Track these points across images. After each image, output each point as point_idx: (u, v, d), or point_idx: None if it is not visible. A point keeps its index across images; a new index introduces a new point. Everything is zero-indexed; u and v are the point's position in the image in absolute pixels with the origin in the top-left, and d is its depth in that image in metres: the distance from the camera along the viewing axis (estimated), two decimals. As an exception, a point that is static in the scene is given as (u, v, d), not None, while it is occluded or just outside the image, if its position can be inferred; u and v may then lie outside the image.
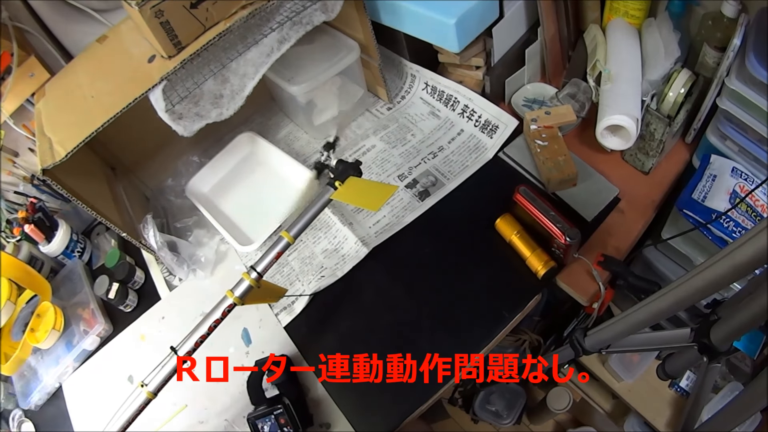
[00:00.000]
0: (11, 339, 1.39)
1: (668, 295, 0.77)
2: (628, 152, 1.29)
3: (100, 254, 1.55)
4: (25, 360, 1.38)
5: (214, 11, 1.08)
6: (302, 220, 1.06)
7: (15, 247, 1.49)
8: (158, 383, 0.96)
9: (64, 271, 1.52)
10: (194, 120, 1.09)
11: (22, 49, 1.37)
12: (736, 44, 1.08)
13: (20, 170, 1.51)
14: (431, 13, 1.24)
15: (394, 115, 1.56)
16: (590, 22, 1.44)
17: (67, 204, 1.60)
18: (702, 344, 0.86)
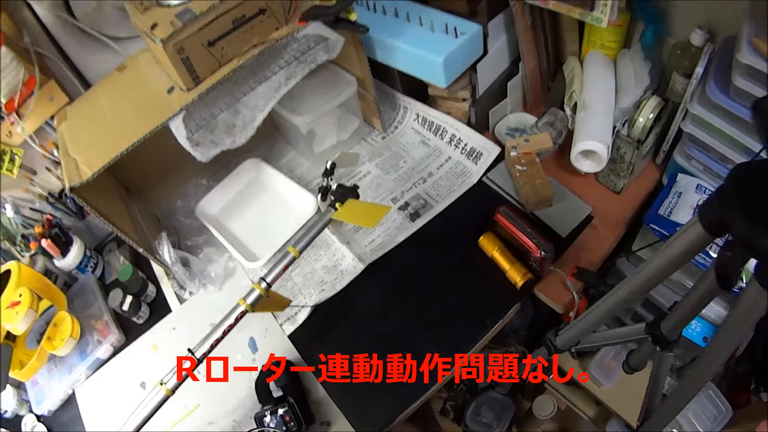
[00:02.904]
0: (26, 347, 1.49)
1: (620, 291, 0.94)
2: (601, 174, 1.46)
3: (112, 270, 1.68)
4: (41, 367, 1.49)
5: (229, 49, 1.26)
6: (307, 237, 1.23)
7: (31, 261, 1.60)
8: (176, 382, 1.09)
9: (77, 285, 1.64)
10: (210, 147, 1.26)
11: (43, 74, 1.48)
12: (698, 72, 1.23)
13: (36, 188, 1.65)
14: (421, 51, 1.41)
15: (388, 144, 1.73)
16: (569, 54, 1.61)
17: (81, 221, 1.74)
18: (654, 335, 1.02)
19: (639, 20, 1.45)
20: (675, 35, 1.40)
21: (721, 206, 0.66)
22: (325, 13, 1.30)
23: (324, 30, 1.32)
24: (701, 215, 0.70)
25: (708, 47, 1.25)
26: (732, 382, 1.60)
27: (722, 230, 0.68)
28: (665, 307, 1.34)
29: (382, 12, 1.53)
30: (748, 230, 0.62)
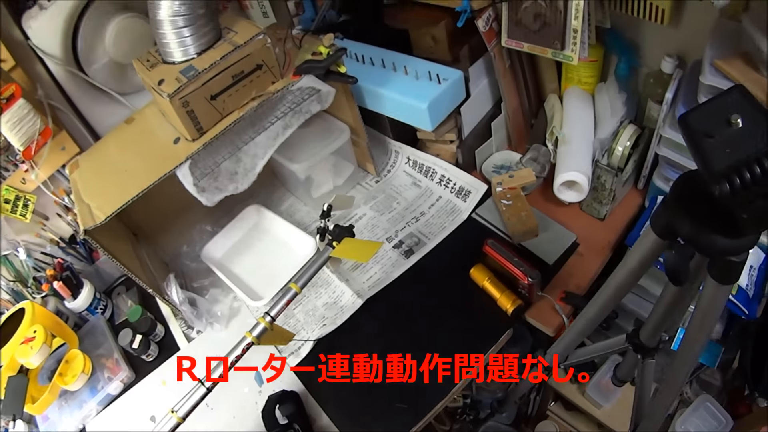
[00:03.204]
0: (38, 383, 1.54)
1: (596, 302, 1.04)
2: (584, 203, 1.55)
3: (120, 312, 1.76)
4: (52, 402, 1.53)
5: (229, 102, 1.37)
6: (307, 274, 1.32)
7: (42, 302, 1.65)
8: (187, 410, 1.16)
9: (87, 326, 1.71)
10: (215, 192, 1.35)
11: (55, 125, 1.57)
12: (668, 97, 1.32)
13: (48, 233, 1.74)
14: (407, 99, 1.53)
15: (382, 187, 1.83)
16: (549, 92, 1.72)
17: (90, 266, 1.83)
18: (634, 344, 1.11)
19: (612, 54, 1.55)
20: (647, 65, 1.50)
21: (667, 213, 0.75)
22: (316, 67, 1.41)
23: (316, 82, 1.43)
24: (653, 224, 0.80)
25: (677, 73, 1.34)
26: (731, 395, 1.66)
27: (671, 234, 0.77)
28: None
29: (370, 63, 1.65)
30: (691, 231, 0.72)
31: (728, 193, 0.60)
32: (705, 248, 0.72)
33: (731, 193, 0.60)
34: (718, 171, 0.61)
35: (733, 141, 0.62)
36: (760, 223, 0.65)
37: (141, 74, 1.39)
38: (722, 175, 0.61)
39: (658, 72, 1.41)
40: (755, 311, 1.26)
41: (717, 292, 0.78)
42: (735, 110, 0.63)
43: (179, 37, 1.30)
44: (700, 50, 1.26)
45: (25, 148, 1.50)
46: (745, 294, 1.22)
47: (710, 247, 0.71)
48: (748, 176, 0.59)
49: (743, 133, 0.62)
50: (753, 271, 1.27)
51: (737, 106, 0.64)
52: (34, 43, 1.48)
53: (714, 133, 0.63)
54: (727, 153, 0.61)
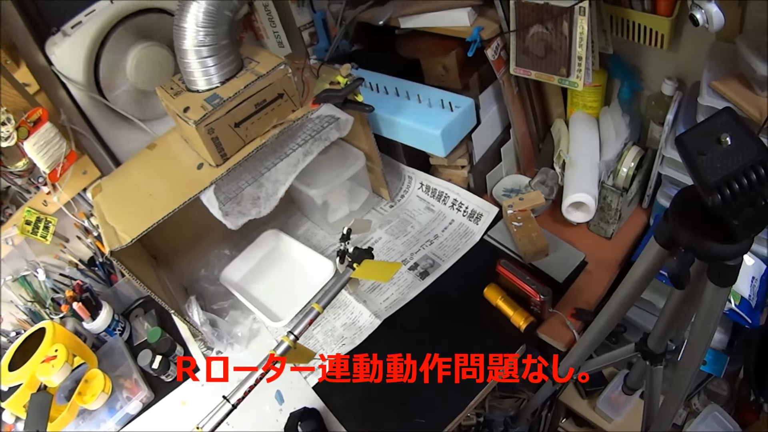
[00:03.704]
0: (56, 402, 1.54)
1: (605, 313, 1.12)
2: (591, 223, 1.63)
3: (137, 334, 1.81)
4: (71, 421, 1.56)
5: (252, 129, 1.45)
6: (329, 294, 1.40)
7: (61, 323, 1.69)
8: (212, 426, 1.21)
9: (105, 347, 1.75)
10: (238, 216, 1.44)
11: (77, 149, 1.64)
12: (669, 119, 1.40)
13: (67, 255, 1.81)
14: (421, 126, 1.62)
15: (396, 212, 1.92)
16: (556, 116, 1.82)
17: (108, 288, 1.88)
18: (643, 351, 1.19)
19: (615, 78, 1.64)
20: (648, 88, 1.60)
21: (668, 225, 0.84)
22: (335, 96, 1.50)
23: (335, 111, 1.51)
24: (656, 235, 0.88)
25: (677, 95, 1.43)
26: (738, 404, 1.72)
27: (673, 243, 0.86)
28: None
29: (384, 91, 1.75)
30: (690, 239, 0.80)
31: (720, 203, 0.69)
32: (703, 254, 0.80)
33: (723, 202, 0.69)
34: (710, 184, 0.70)
35: (724, 157, 0.71)
36: (750, 229, 0.74)
37: (165, 101, 1.47)
38: (714, 187, 0.70)
39: (659, 94, 1.50)
40: (758, 320, 1.33)
41: (716, 294, 0.86)
42: (724, 130, 0.72)
43: (203, 66, 1.38)
44: (698, 72, 1.34)
45: (51, 171, 1.57)
46: (748, 304, 1.30)
47: (708, 253, 0.79)
48: (737, 187, 0.68)
49: (732, 149, 0.71)
50: (755, 282, 1.34)
51: (726, 126, 0.73)
52: (57, 68, 1.55)
53: (706, 151, 0.73)
54: (718, 168, 0.70)
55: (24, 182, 1.62)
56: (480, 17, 1.59)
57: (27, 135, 1.49)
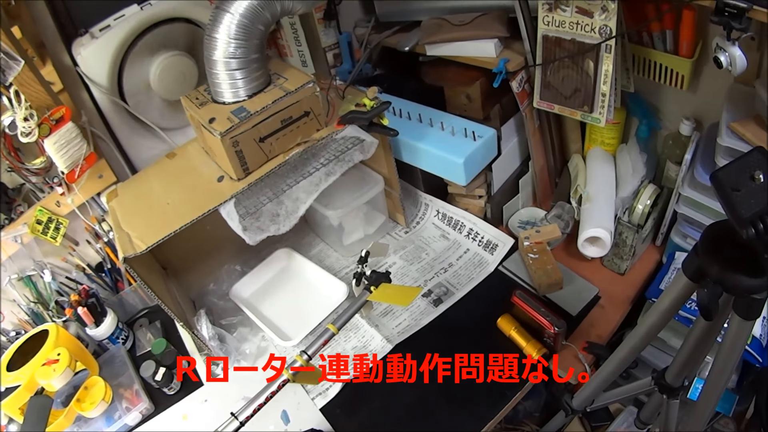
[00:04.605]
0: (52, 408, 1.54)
1: (626, 344, 1.15)
2: (606, 258, 1.66)
3: (140, 344, 1.80)
4: (67, 427, 1.53)
5: (276, 146, 1.47)
6: (345, 316, 1.43)
7: (63, 326, 1.66)
8: None
9: (107, 355, 1.74)
10: (257, 232, 1.45)
11: (95, 152, 1.65)
12: (687, 158, 1.44)
13: (75, 258, 1.80)
14: (444, 153, 1.65)
15: (411, 238, 1.95)
16: (573, 152, 1.87)
17: (114, 295, 1.88)
18: (660, 384, 1.21)
19: (634, 117, 1.69)
20: (666, 127, 1.64)
21: (698, 258, 0.88)
22: (361, 118, 1.53)
23: (360, 132, 1.54)
24: (684, 268, 0.92)
25: (695, 135, 1.47)
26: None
27: (701, 276, 0.89)
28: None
29: (408, 117, 1.79)
30: (719, 272, 0.84)
31: (754, 237, 0.74)
32: (732, 287, 0.84)
33: (757, 236, 0.73)
34: (745, 218, 0.74)
35: (757, 193, 0.76)
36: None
37: (189, 111, 1.49)
38: (749, 221, 0.74)
39: (677, 134, 1.54)
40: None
41: (741, 327, 0.90)
42: (757, 167, 0.77)
43: (231, 78, 1.41)
44: (716, 113, 1.39)
45: (69, 171, 1.58)
46: (759, 343, 1.32)
47: (737, 285, 0.83)
48: (770, 222, 0.72)
49: (765, 186, 0.76)
50: (766, 322, 1.37)
51: (758, 164, 0.78)
52: (82, 70, 1.57)
53: (740, 187, 0.77)
54: (752, 203, 0.75)
55: (39, 180, 1.63)
56: (506, 49, 1.64)
57: (48, 132, 1.50)
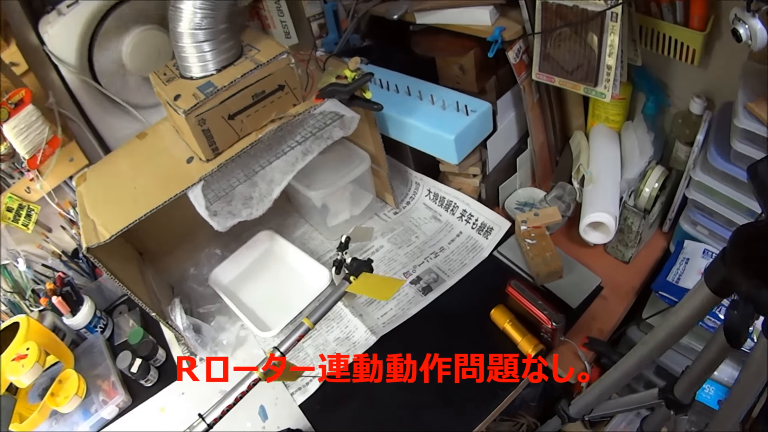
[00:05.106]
0: (27, 401, 1.49)
1: (632, 356, 0.99)
2: (609, 245, 1.51)
3: (121, 332, 1.70)
4: (41, 422, 1.46)
5: (248, 123, 1.34)
6: (321, 309, 1.28)
7: (40, 316, 1.62)
8: None
9: (85, 344, 1.66)
10: (227, 217, 1.31)
11: (64, 135, 1.55)
12: (699, 139, 1.30)
13: (50, 245, 1.71)
14: (433, 129, 1.50)
15: (400, 219, 1.80)
16: (575, 128, 1.70)
17: (92, 282, 1.78)
18: (668, 399, 1.05)
19: (640, 92, 1.53)
20: (675, 105, 1.49)
21: (725, 268, 0.71)
22: (341, 91, 1.38)
23: (340, 107, 1.39)
24: (707, 278, 0.75)
25: (707, 114, 1.33)
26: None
27: (728, 291, 0.72)
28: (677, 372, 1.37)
29: (395, 90, 1.63)
30: (751, 288, 0.67)
31: None
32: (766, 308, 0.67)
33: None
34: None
35: None
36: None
37: (157, 88, 1.37)
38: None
39: (687, 112, 1.39)
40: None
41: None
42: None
43: (199, 51, 1.28)
44: (729, 91, 1.27)
45: (31, 157, 1.47)
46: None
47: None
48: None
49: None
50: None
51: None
52: (49, 48, 1.46)
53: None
54: None
55: (6, 167, 1.53)
56: (502, 17, 1.47)
57: (7, 117, 1.39)
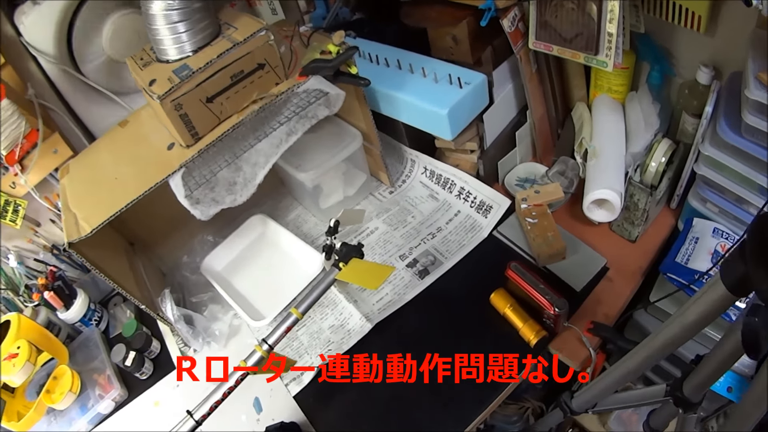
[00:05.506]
0: (25, 399, 1.46)
1: (638, 353, 0.90)
2: (615, 223, 1.42)
3: (117, 324, 1.65)
4: (38, 420, 1.44)
5: (228, 105, 1.25)
6: (309, 298, 1.20)
7: (33, 312, 1.57)
8: None
9: (81, 337, 1.61)
10: (210, 205, 1.23)
11: (47, 126, 1.47)
12: (708, 111, 1.20)
13: (41, 239, 1.65)
14: (425, 104, 1.40)
15: (396, 199, 1.71)
16: (577, 100, 1.59)
17: (86, 274, 1.72)
18: (676, 397, 0.97)
19: (644, 61, 1.43)
20: (681, 75, 1.38)
21: (744, 264, 0.61)
22: (324, 67, 1.28)
23: (324, 84, 1.30)
24: (723, 275, 0.66)
25: (715, 85, 1.23)
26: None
27: (746, 290, 0.63)
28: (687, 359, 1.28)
29: (385, 64, 1.52)
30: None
31: None
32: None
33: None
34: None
35: None
36: None
37: (134, 74, 1.28)
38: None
39: (694, 82, 1.29)
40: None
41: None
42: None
43: (174, 33, 1.19)
44: (737, 61, 1.18)
45: (9, 152, 1.40)
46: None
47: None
48: None
49: None
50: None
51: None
52: (26, 40, 1.39)
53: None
54: None
55: None
56: (496, -18, 1.35)
57: None
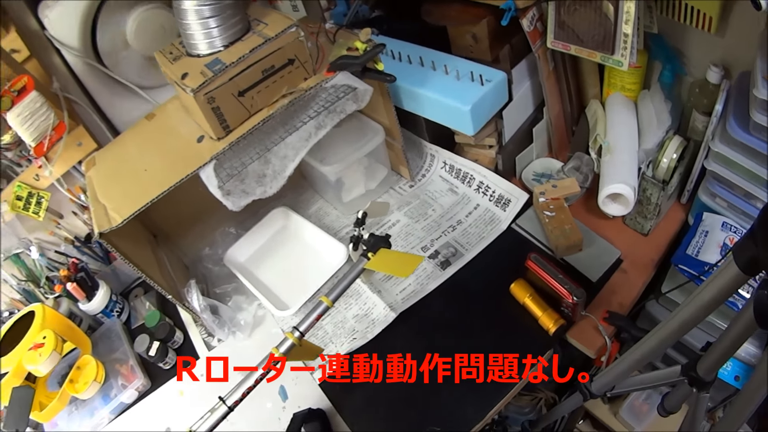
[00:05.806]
0: (47, 389, 1.47)
1: (655, 335, 0.93)
2: (628, 217, 1.44)
3: (138, 315, 1.66)
4: (61, 410, 1.44)
5: (259, 99, 1.27)
6: (340, 287, 1.22)
7: (55, 303, 1.59)
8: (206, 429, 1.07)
9: (102, 329, 1.63)
10: (241, 196, 1.25)
11: (71, 119, 1.49)
12: (718, 109, 1.22)
13: (63, 231, 1.66)
14: (448, 100, 1.42)
15: (416, 192, 1.73)
16: (591, 97, 1.61)
17: (107, 266, 1.74)
18: (691, 377, 1.00)
19: (656, 61, 1.45)
20: (692, 74, 1.41)
21: (755, 246, 0.65)
22: (353, 63, 1.31)
23: (352, 80, 1.32)
24: (736, 255, 0.69)
25: (725, 84, 1.25)
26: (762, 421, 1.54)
27: (757, 269, 0.67)
28: (696, 348, 1.31)
29: (408, 61, 1.55)
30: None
31: None
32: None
33: None
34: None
35: None
36: None
37: (163, 67, 1.30)
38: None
39: (704, 81, 1.31)
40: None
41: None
42: None
43: (205, 28, 1.21)
44: (746, 61, 1.21)
45: (37, 144, 1.42)
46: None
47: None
48: None
49: None
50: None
51: None
52: (50, 33, 1.41)
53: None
54: None
55: (14, 155, 1.47)
56: (515, -17, 1.38)
57: (10, 105, 1.34)
